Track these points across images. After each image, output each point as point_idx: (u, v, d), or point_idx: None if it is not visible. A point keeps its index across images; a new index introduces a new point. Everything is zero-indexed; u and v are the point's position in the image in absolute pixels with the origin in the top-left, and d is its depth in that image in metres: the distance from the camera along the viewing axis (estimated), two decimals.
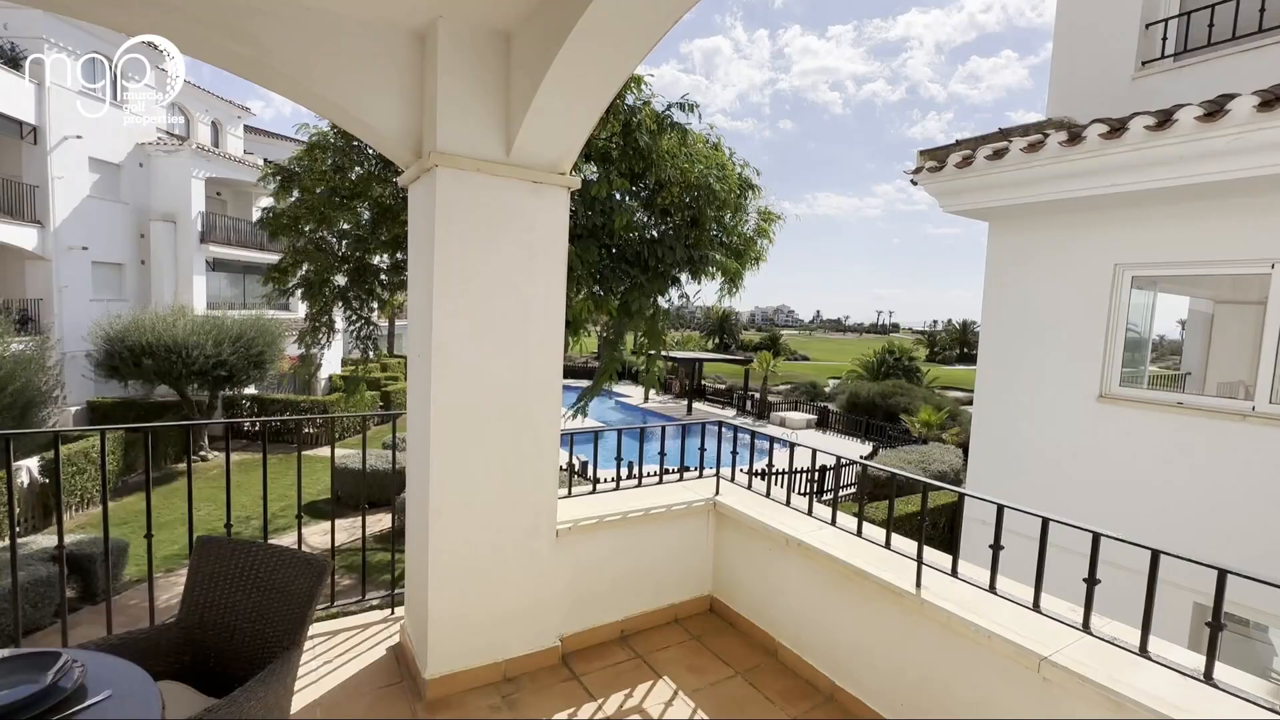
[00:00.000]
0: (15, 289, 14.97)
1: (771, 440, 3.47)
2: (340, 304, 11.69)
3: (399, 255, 12.72)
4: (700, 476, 3.72)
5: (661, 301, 7.70)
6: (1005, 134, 4.81)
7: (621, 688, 2.76)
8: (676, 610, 3.39)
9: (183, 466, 13.73)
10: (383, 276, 12.44)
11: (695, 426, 3.76)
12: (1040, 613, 2.15)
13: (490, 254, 2.60)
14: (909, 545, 2.65)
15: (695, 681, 2.82)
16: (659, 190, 6.79)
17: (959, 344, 64.42)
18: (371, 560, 5.06)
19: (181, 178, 18.16)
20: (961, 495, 2.53)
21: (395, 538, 8.83)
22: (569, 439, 3.52)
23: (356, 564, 8.23)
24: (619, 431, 3.41)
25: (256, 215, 19.73)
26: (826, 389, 30.28)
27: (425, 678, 2.61)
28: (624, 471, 3.57)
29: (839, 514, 2.97)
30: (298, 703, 2.46)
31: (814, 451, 3.07)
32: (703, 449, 3.65)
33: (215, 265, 19.69)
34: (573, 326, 7.04)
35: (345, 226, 11.59)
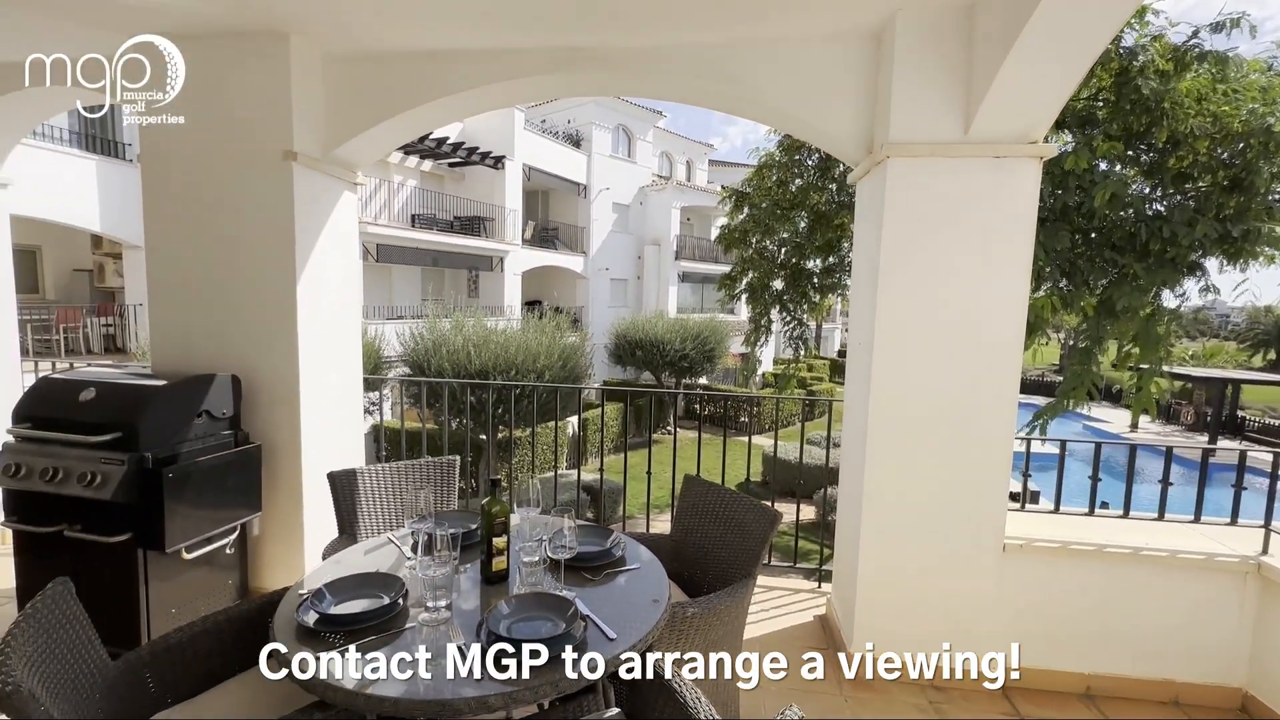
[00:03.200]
0: (569, 300, 21.71)
1: None
2: (777, 306, 12.92)
3: (831, 259, 13.24)
4: (1233, 524, 2.73)
5: (1168, 298, 5.81)
6: None
7: None
8: (1177, 690, 2.58)
9: (657, 436, 17.46)
10: (815, 280, 13.16)
11: (1224, 465, 2.76)
12: None
13: (942, 241, 2.51)
14: None
15: None
16: (1172, 149, 5.16)
17: None
18: (790, 545, 5.50)
19: (665, 209, 23.10)
20: None
21: (816, 528, 9.20)
22: (1024, 454, 3.08)
23: (779, 545, 8.98)
24: (1097, 446, 2.79)
25: (713, 233, 23.54)
26: None
27: (850, 652, 2.71)
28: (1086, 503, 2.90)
29: None
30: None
31: None
32: (1239, 486, 2.66)
33: (683, 277, 24.28)
34: (1028, 329, 5.99)
35: (784, 235, 12.74)
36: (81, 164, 11.35)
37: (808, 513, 10.71)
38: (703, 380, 19.80)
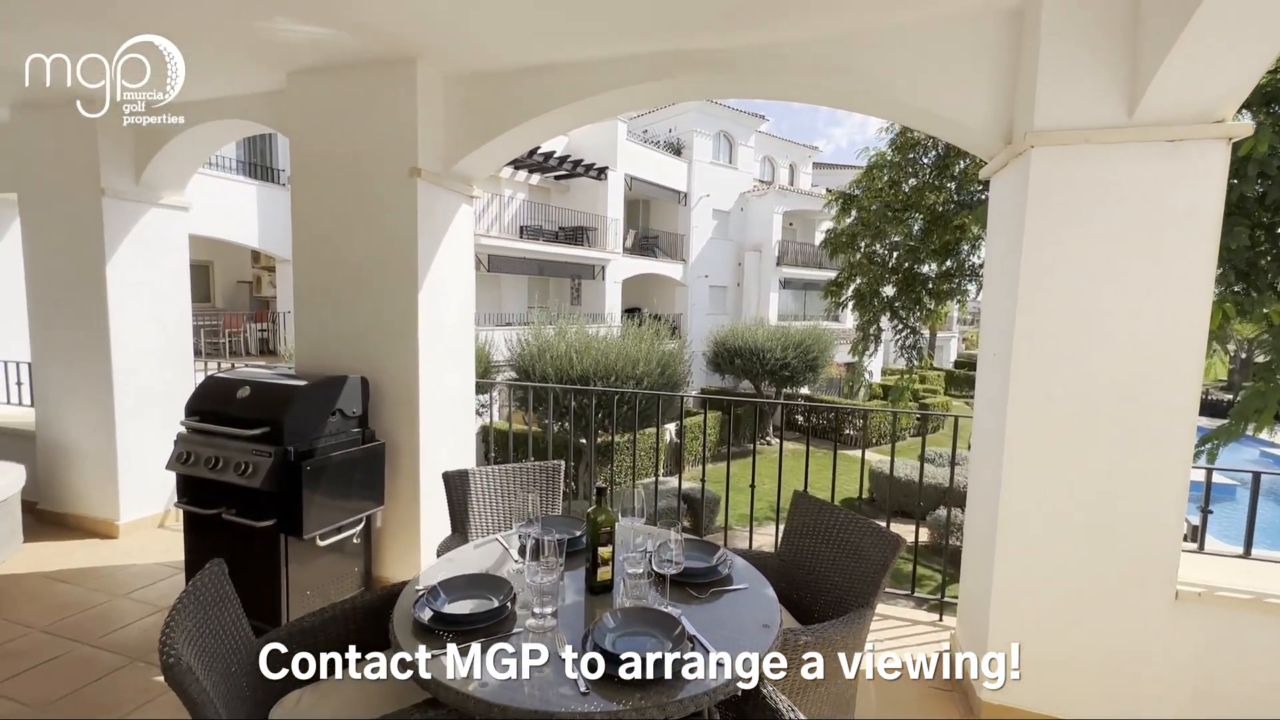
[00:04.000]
0: (668, 307, 21.79)
1: None
2: (887, 314, 12.19)
3: (948, 263, 12.33)
4: None
5: None
6: None
7: None
8: None
9: (756, 446, 17.03)
10: (930, 285, 12.32)
11: None
12: None
13: (1098, 241, 2.20)
14: None
15: None
16: None
17: None
18: (902, 570, 5.06)
19: (766, 215, 22.64)
20: None
21: (932, 553, 8.54)
22: (1203, 486, 2.65)
23: (893, 569, 8.41)
24: None
25: (817, 239, 22.73)
26: None
27: (980, 698, 2.44)
28: None
29: None
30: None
31: None
32: None
33: (785, 284, 23.64)
34: None
35: (896, 238, 12.02)
36: (245, 189, 12.94)
37: (921, 535, 9.99)
38: (804, 390, 19.13)
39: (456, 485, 2.58)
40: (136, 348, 4.04)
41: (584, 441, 10.42)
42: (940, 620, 3.19)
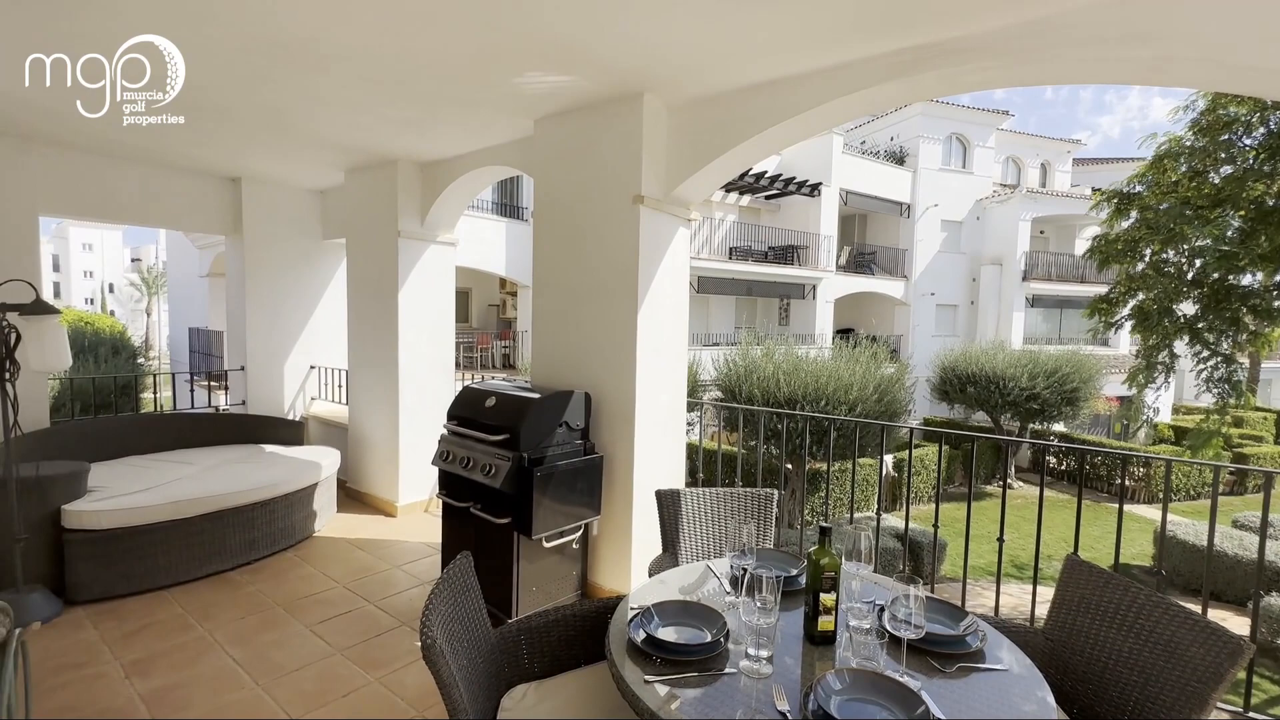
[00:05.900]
0: (886, 328, 20.11)
1: None
2: (1185, 336, 9.75)
3: None
4: None
5: None
6: None
7: None
8: None
9: (989, 487, 14.77)
10: (1254, 301, 9.60)
11: None
12: None
13: None
14: None
15: None
16: None
17: None
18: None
19: (1010, 223, 19.73)
20: None
21: (1262, 653, 6.52)
22: None
23: None
24: None
25: (1079, 248, 19.11)
26: None
27: None
28: None
29: None
30: None
31: None
32: None
33: (1032, 301, 20.30)
34: None
35: (1200, 242, 9.59)
36: (497, 225, 15.12)
37: (1236, 623, 7.65)
38: (1059, 427, 16.10)
39: (668, 504, 2.60)
40: (416, 360, 4.88)
41: (789, 467, 10.01)
42: None
